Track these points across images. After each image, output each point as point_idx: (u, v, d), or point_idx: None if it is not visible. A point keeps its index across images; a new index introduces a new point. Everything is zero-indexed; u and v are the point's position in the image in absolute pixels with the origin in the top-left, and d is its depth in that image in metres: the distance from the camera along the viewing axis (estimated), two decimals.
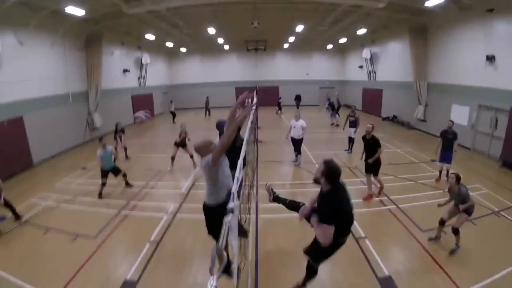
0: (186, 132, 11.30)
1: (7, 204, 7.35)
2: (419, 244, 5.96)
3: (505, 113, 11.44)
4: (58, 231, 6.89)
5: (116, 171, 9.19)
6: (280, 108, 26.76)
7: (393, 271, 5.18)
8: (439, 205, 5.99)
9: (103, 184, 8.82)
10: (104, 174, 8.84)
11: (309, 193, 8.54)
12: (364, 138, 8.32)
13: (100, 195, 8.79)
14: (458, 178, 5.62)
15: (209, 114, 26.53)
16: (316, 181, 3.60)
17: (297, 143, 11.23)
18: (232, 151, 4.94)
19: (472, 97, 13.22)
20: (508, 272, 5.07)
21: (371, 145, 8.01)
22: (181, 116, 25.16)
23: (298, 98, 29.51)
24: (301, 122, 10.97)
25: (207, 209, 4.07)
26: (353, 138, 12.83)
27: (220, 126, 5.65)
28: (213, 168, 3.83)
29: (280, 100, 27.48)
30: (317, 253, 4.01)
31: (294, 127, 11.02)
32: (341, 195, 3.53)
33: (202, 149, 3.95)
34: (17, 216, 7.52)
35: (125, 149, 13.18)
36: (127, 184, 9.56)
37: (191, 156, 11.38)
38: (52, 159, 13.52)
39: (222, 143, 3.80)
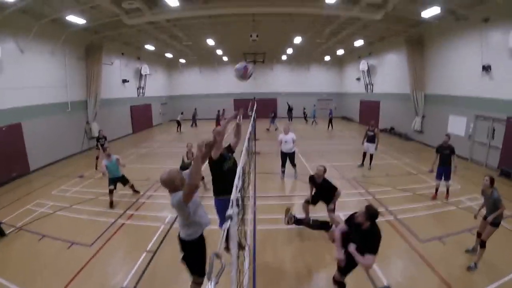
0: (193, 153, 10.07)
1: None
2: (418, 255, 5.91)
3: (502, 122, 11.55)
4: (54, 238, 6.80)
5: (124, 180, 9.10)
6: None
7: (392, 282, 5.13)
8: (476, 216, 5.88)
9: (111, 192, 8.68)
10: (111, 181, 8.74)
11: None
12: (313, 181, 6.88)
13: (111, 204, 8.64)
14: (492, 181, 5.43)
15: (196, 125, 27.03)
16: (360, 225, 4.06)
17: (291, 157, 10.83)
18: (219, 176, 5.33)
19: (469, 107, 13.34)
20: (506, 280, 5.03)
21: (325, 190, 6.74)
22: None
23: (290, 110, 29.25)
24: (291, 135, 10.59)
25: (181, 241, 3.99)
26: (372, 154, 12.21)
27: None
28: (185, 207, 3.62)
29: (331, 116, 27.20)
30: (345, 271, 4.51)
31: (286, 141, 10.54)
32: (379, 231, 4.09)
33: (168, 184, 3.67)
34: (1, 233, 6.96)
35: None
36: (135, 191, 9.50)
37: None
38: (49, 167, 13.46)
39: (190, 184, 3.46)
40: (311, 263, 5.76)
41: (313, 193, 7.04)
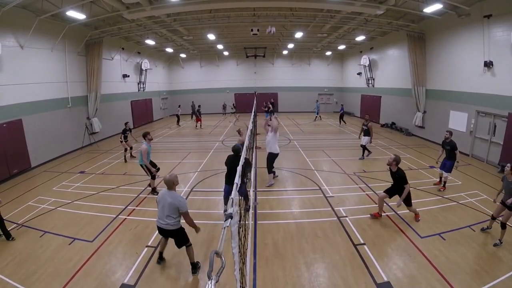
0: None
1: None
2: (418, 250, 5.93)
3: (503, 119, 11.50)
4: (55, 234, 6.84)
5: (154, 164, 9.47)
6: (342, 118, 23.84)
7: (392, 277, 5.15)
8: (495, 201, 6.36)
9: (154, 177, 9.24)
10: (152, 166, 9.21)
11: (306, 200, 8.57)
12: (389, 169, 7.28)
13: (154, 188, 9.29)
14: None
15: (192, 117, 27.57)
16: None
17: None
18: (232, 172, 6.72)
19: (470, 103, 13.29)
20: (507, 278, 5.04)
21: (397, 182, 7.03)
22: (181, 121, 25.21)
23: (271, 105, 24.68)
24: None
25: (171, 231, 5.15)
26: (364, 145, 12.71)
27: (236, 150, 7.12)
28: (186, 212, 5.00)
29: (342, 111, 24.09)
30: None
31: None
32: None
33: (170, 184, 5.03)
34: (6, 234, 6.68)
35: (131, 148, 13.63)
36: (154, 190, 9.35)
37: None
38: (50, 163, 13.49)
39: (190, 221, 5.14)
40: (311, 257, 5.79)
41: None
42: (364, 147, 12.79)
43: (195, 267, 5.36)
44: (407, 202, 7.07)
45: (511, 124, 11.05)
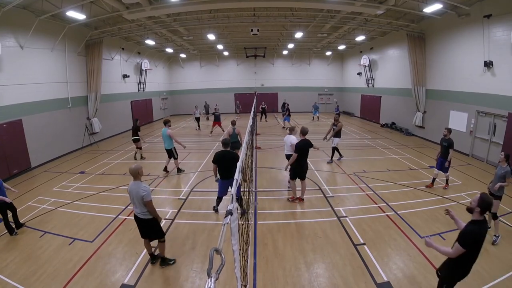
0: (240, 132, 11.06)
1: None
2: (418, 250, 5.93)
3: (503, 119, 11.50)
4: (55, 234, 6.85)
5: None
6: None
7: (392, 277, 5.15)
8: (493, 187, 6.26)
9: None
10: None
11: (306, 199, 8.56)
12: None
13: (179, 168, 11.53)
14: (506, 156, 6.18)
15: (208, 118, 26.89)
16: (469, 210, 3.77)
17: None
18: (228, 167, 6.99)
19: (470, 103, 13.29)
20: (507, 277, 5.04)
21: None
22: (181, 121, 25.20)
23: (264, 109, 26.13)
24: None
25: (143, 220, 5.25)
26: (335, 147, 12.46)
27: (226, 143, 7.23)
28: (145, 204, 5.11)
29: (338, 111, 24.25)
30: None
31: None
32: (484, 227, 3.77)
33: (135, 174, 5.13)
34: (17, 224, 7.16)
35: (140, 148, 13.59)
36: (179, 169, 11.51)
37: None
38: (50, 163, 13.50)
39: (152, 210, 5.18)
40: (311, 257, 5.79)
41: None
42: (335, 149, 12.48)
43: (164, 260, 5.62)
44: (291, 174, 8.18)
45: (511, 124, 11.06)
